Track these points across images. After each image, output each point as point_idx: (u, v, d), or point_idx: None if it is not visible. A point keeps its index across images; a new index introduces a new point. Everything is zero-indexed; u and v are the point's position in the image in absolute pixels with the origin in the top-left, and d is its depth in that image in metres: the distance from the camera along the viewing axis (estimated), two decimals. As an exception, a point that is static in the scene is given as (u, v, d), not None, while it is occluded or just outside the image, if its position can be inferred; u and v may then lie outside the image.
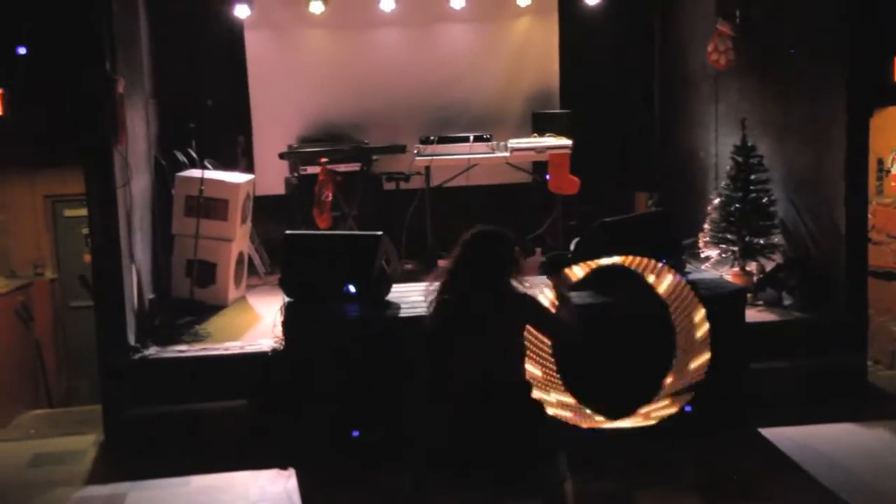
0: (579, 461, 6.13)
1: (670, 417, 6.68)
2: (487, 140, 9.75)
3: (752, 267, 8.28)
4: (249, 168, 10.12)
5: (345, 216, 9.70)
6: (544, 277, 7.23)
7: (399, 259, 7.63)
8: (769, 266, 8.24)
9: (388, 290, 6.99)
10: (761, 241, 8.23)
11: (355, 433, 6.61)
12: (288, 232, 7.24)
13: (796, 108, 8.15)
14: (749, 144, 8.26)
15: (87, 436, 7.31)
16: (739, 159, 8.27)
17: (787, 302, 7.89)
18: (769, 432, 6.82)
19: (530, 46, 10.66)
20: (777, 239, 8.25)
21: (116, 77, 7.20)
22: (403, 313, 6.70)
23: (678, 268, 7.31)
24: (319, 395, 6.57)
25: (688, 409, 6.84)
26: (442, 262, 5.31)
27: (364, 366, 6.54)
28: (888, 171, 10.26)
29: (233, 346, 7.33)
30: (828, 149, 7.70)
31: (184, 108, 9.58)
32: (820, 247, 7.90)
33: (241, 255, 8.85)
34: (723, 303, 6.91)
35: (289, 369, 6.70)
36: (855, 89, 7.47)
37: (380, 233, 6.98)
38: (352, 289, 6.85)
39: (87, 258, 9.10)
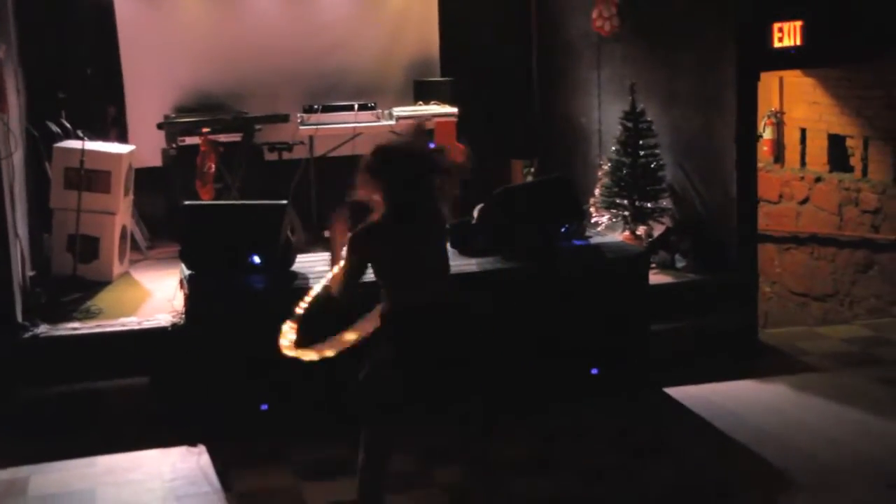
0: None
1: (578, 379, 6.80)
2: (372, 108, 9.64)
3: (641, 231, 8.43)
4: (122, 139, 9.72)
5: (228, 188, 9.45)
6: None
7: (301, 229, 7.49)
8: (657, 230, 8.41)
9: (293, 261, 6.85)
10: (650, 206, 8.39)
11: (264, 407, 6.47)
12: (187, 203, 7.03)
13: (683, 73, 8.31)
14: (638, 110, 8.38)
15: (-30, 420, 6.94)
16: (629, 124, 8.39)
17: (679, 264, 8.07)
18: (674, 391, 6.98)
19: (410, 13, 10.56)
20: (666, 203, 8.42)
21: (-3, 42, 6.83)
22: (312, 283, 6.55)
23: (580, 232, 7.42)
24: (226, 370, 6.39)
25: (594, 371, 6.97)
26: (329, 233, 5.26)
27: (273, 338, 6.38)
28: (760, 136, 10.61)
29: (129, 322, 7.04)
30: (718, 114, 7.89)
31: (52, 78, 9.19)
32: (710, 210, 8.10)
33: (124, 228, 8.53)
34: (628, 265, 7.03)
35: (192, 344, 6.50)
36: (743, 54, 7.66)
37: (285, 202, 6.82)
38: (256, 259, 6.69)
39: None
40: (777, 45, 8.56)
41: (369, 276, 4.76)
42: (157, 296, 7.79)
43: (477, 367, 4.80)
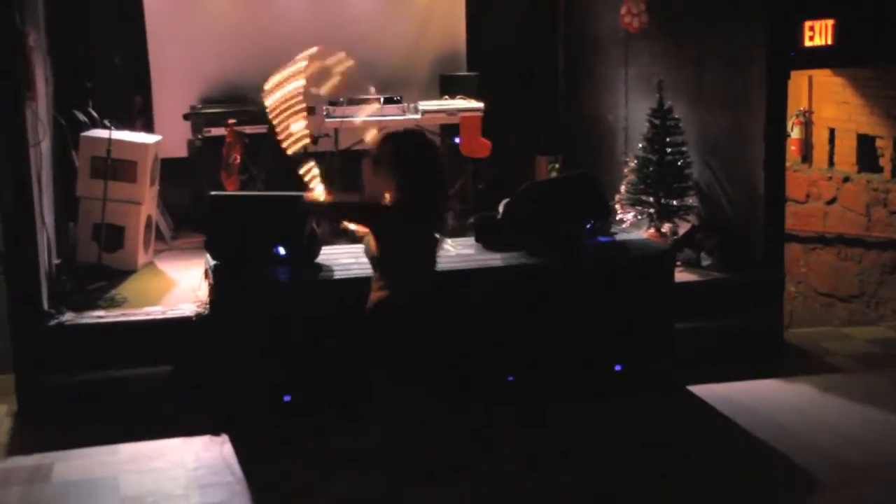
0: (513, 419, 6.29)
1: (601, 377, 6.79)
2: (398, 102, 9.62)
3: (666, 229, 8.39)
4: (148, 129, 9.74)
5: (253, 179, 9.46)
6: (472, 240, 7.31)
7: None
8: (683, 228, 8.36)
9: (318, 252, 6.85)
10: (676, 203, 8.34)
11: (287, 398, 6.48)
12: (213, 193, 7.03)
13: (712, 71, 8.26)
14: (665, 107, 8.33)
15: (-4, 407, 6.98)
16: (656, 122, 8.34)
17: (705, 262, 8.02)
18: (698, 389, 6.94)
19: (437, 7, 10.55)
20: (692, 201, 8.37)
21: (27, 30, 6.84)
22: (337, 275, 6.57)
23: (605, 229, 7.39)
24: (250, 360, 6.40)
25: (618, 367, 6.95)
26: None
27: (298, 329, 6.41)
28: (788, 136, 10.54)
29: (154, 311, 7.06)
30: (746, 112, 7.83)
31: (80, 67, 9.21)
32: (737, 208, 8.05)
33: (149, 218, 8.55)
34: (653, 262, 7.00)
35: (216, 333, 6.51)
36: (774, 53, 7.60)
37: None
38: (281, 250, 6.69)
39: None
40: (808, 43, 8.51)
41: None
42: (181, 286, 7.81)
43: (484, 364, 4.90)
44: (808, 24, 8.55)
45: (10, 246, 6.83)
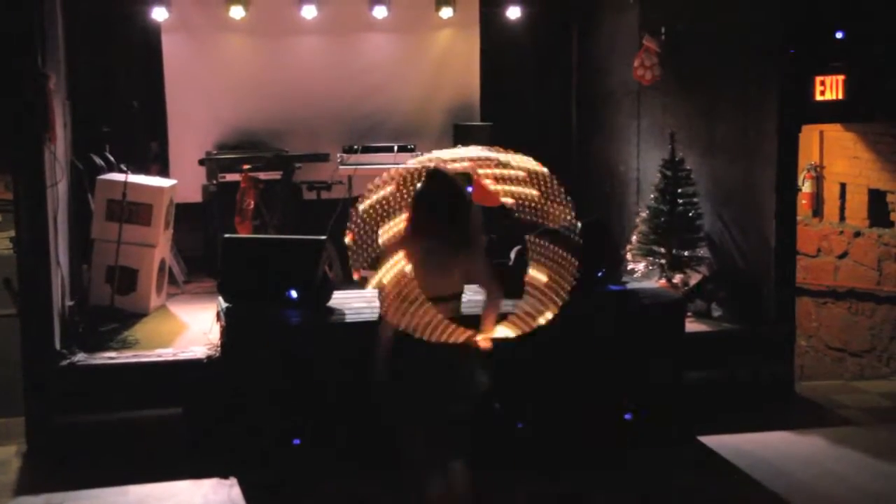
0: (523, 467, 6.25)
1: (612, 426, 6.76)
2: (411, 150, 9.69)
3: (677, 279, 8.40)
4: (163, 174, 9.83)
5: (265, 224, 9.51)
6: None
7: (340, 265, 7.52)
8: (694, 278, 8.37)
9: (329, 296, 6.87)
10: (687, 254, 8.36)
11: (296, 441, 6.47)
12: (227, 236, 7.08)
13: (724, 123, 8.32)
14: (677, 158, 8.38)
15: (5, 446, 6.96)
16: (668, 173, 8.38)
17: (716, 313, 8.02)
18: (708, 440, 6.91)
19: (451, 58, 10.67)
20: (703, 252, 8.39)
21: (48, 73, 6.93)
22: (349, 319, 6.59)
23: (616, 277, 7.41)
24: (260, 403, 6.40)
25: (627, 416, 6.92)
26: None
27: (308, 373, 6.41)
28: (799, 190, 10.57)
29: (165, 353, 7.09)
30: (758, 164, 7.88)
31: (97, 111, 9.32)
32: (748, 260, 8.06)
33: (162, 261, 8.59)
34: (664, 311, 7.00)
35: (228, 376, 6.52)
36: (787, 106, 7.66)
37: (323, 237, 6.86)
38: (294, 294, 6.72)
39: None
40: (819, 98, 8.57)
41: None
42: (192, 328, 7.83)
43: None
44: (819, 78, 8.62)
45: (25, 285, 6.87)
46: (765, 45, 7.81)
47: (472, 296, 5.33)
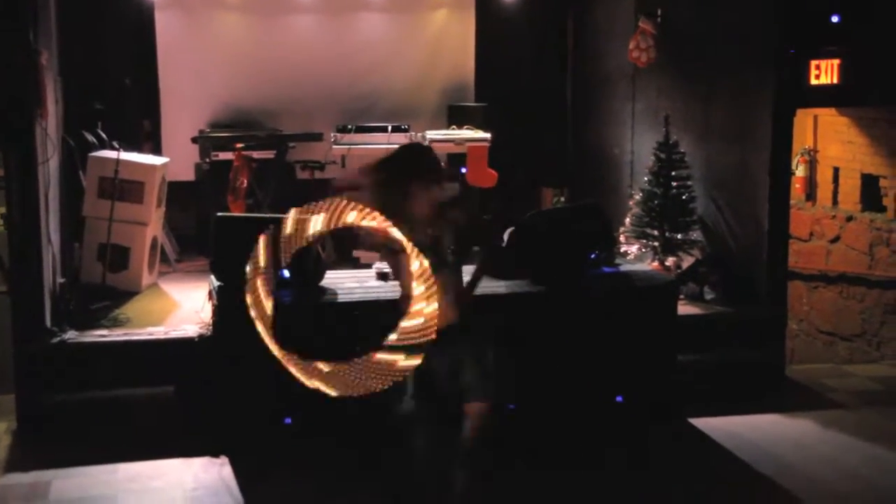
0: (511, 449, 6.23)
1: (602, 407, 6.77)
2: (405, 130, 9.68)
3: (670, 262, 8.40)
4: (156, 152, 9.80)
5: (258, 203, 9.48)
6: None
7: (333, 245, 7.51)
8: (687, 261, 8.38)
9: (322, 276, 6.86)
10: (680, 237, 8.37)
11: (287, 420, 6.47)
12: (220, 214, 7.04)
13: (719, 106, 8.31)
14: (672, 141, 8.37)
15: (-6, 424, 6.98)
16: (662, 155, 8.38)
17: (708, 296, 8.02)
18: (699, 422, 6.92)
19: (446, 39, 10.64)
20: (696, 235, 8.40)
21: (40, 49, 6.89)
22: (342, 298, 6.59)
23: (609, 259, 7.41)
24: (252, 381, 6.39)
25: (619, 399, 6.94)
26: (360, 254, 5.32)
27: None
28: (792, 174, 10.56)
29: (156, 332, 7.08)
30: (752, 148, 7.87)
31: (89, 88, 9.28)
32: (740, 243, 8.07)
33: (154, 239, 8.58)
34: (656, 293, 7.01)
35: (218, 355, 6.51)
36: (782, 91, 7.65)
37: (316, 217, 6.83)
38: (286, 273, 6.69)
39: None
40: (814, 82, 8.55)
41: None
42: (184, 307, 7.82)
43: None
44: (814, 62, 8.60)
45: (16, 262, 6.85)
46: (760, 29, 7.79)
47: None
